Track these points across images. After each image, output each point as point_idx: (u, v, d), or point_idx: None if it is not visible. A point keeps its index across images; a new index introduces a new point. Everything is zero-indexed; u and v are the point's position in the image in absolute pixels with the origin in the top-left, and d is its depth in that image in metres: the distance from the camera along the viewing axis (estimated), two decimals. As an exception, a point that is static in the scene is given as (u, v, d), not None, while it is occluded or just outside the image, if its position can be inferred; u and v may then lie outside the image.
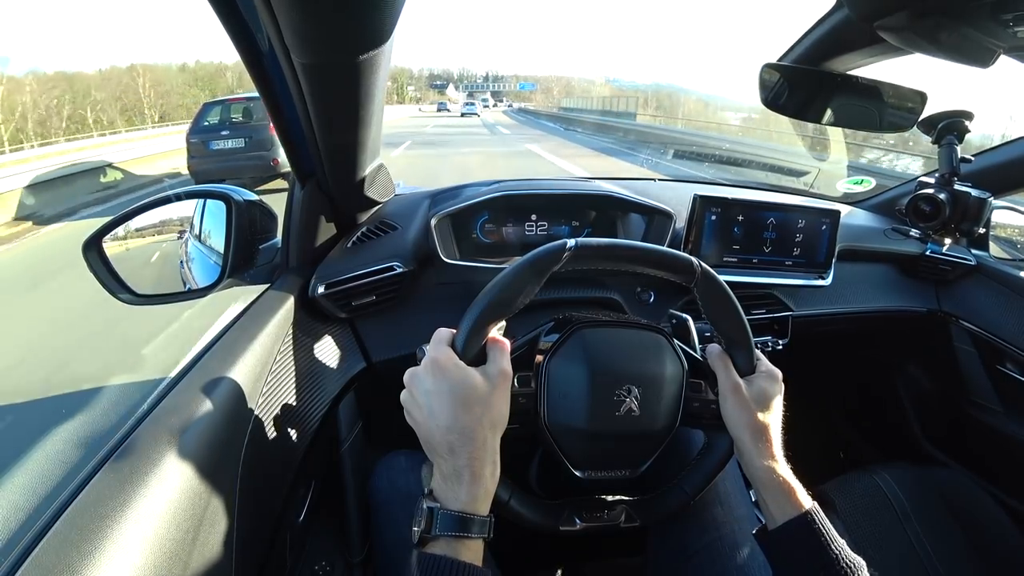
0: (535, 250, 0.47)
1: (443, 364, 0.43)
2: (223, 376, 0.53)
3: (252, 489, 0.52)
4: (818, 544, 0.44)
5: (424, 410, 0.43)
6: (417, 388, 0.44)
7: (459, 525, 0.40)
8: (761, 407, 0.50)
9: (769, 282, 0.93)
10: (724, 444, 0.54)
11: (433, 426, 0.42)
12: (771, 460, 0.49)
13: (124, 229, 0.70)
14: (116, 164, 9.32)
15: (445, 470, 0.42)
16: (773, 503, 0.48)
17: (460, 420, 0.42)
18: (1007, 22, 0.46)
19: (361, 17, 0.42)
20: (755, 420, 0.49)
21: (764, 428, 0.50)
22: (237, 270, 0.73)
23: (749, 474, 0.50)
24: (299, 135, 0.65)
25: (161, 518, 0.40)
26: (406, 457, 0.73)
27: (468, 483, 0.41)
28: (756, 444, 0.49)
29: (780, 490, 0.47)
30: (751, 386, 0.51)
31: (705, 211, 0.88)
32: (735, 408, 0.50)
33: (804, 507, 0.46)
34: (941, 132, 0.89)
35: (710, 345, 0.55)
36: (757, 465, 0.49)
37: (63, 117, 27.41)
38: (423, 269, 0.82)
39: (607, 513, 0.54)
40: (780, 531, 0.46)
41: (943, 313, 1.07)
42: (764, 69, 0.83)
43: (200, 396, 0.50)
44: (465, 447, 0.41)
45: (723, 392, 0.51)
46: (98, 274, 0.67)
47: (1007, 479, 0.99)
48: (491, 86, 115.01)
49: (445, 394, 0.42)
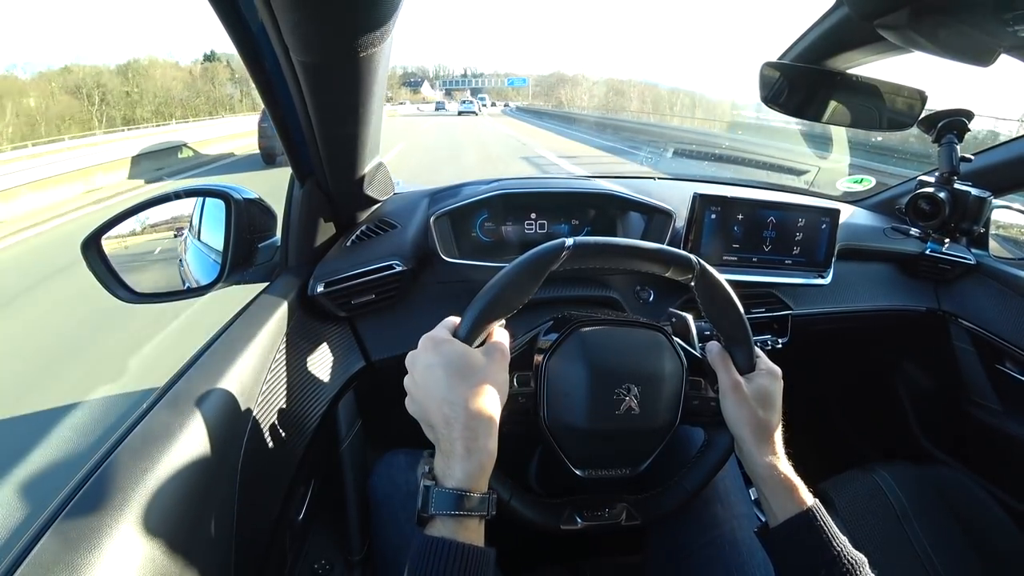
0: (534, 249, 0.47)
1: (440, 339, 0.44)
2: (222, 375, 0.53)
3: (252, 488, 0.52)
4: (820, 541, 0.44)
5: (422, 387, 0.43)
6: (416, 366, 0.44)
7: (455, 503, 0.39)
8: (762, 404, 0.50)
9: (769, 281, 0.93)
10: (724, 442, 0.54)
11: (429, 399, 0.42)
12: (772, 457, 0.49)
13: (123, 228, 0.70)
14: (189, 144, 13.40)
15: (443, 447, 0.42)
16: (774, 500, 0.48)
17: (455, 390, 0.42)
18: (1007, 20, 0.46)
19: (360, 16, 0.42)
20: (756, 417, 0.50)
21: (765, 425, 0.50)
22: (236, 269, 0.73)
23: (750, 471, 0.50)
24: (298, 133, 0.65)
25: (160, 517, 0.40)
26: (405, 456, 0.73)
27: (462, 457, 0.40)
28: (757, 441, 0.49)
29: (781, 487, 0.47)
30: (751, 384, 0.51)
31: (705, 210, 0.88)
32: (735, 406, 0.50)
33: (806, 504, 0.46)
34: (941, 131, 0.89)
35: (710, 343, 0.55)
36: (758, 462, 0.49)
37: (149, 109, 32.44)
38: (422, 268, 0.82)
39: (608, 512, 0.54)
40: (781, 529, 0.46)
41: (943, 312, 1.07)
42: (764, 67, 0.83)
43: (199, 395, 0.49)
44: (459, 418, 0.41)
45: (723, 390, 0.51)
46: (97, 273, 0.67)
47: (1006, 478, 0.99)
48: (471, 82, 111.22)
49: (441, 367, 0.43)
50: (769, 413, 0.50)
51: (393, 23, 0.45)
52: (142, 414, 0.47)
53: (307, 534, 0.77)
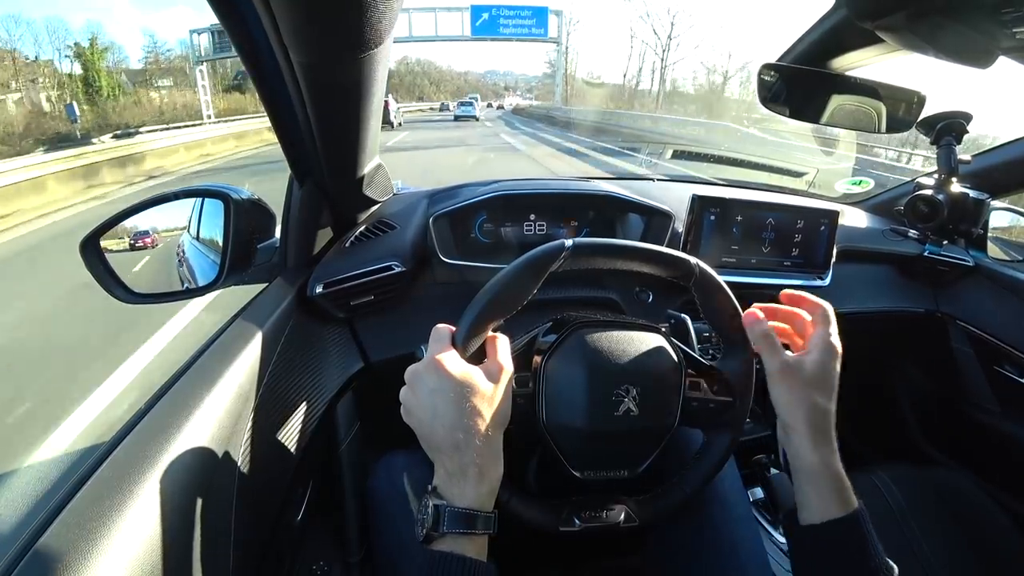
0: (533, 250, 0.47)
1: (446, 362, 0.43)
2: (221, 376, 0.53)
3: (250, 489, 0.52)
4: (862, 550, 0.41)
5: (427, 409, 0.43)
6: (420, 387, 0.43)
7: (466, 522, 0.40)
8: (818, 387, 0.45)
9: (768, 283, 0.93)
10: (723, 443, 0.54)
11: (437, 425, 0.42)
12: (826, 450, 0.44)
13: (122, 228, 0.70)
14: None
15: (450, 468, 0.42)
16: (818, 498, 0.44)
17: (465, 418, 0.41)
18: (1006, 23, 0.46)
19: (359, 16, 0.42)
20: (812, 404, 0.45)
21: (823, 413, 0.45)
22: (235, 269, 0.72)
23: (795, 465, 0.46)
24: (297, 134, 0.65)
25: (159, 517, 0.39)
26: (404, 457, 0.73)
27: (475, 480, 0.41)
28: (813, 434, 0.44)
29: (831, 485, 0.44)
30: (805, 366, 0.46)
31: (704, 211, 0.88)
32: (787, 391, 0.45)
33: (853, 507, 0.43)
34: (939, 133, 0.89)
35: (751, 321, 0.49)
36: (809, 457, 0.44)
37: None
38: (421, 269, 0.82)
39: (606, 513, 0.54)
40: (825, 528, 0.43)
41: (941, 314, 1.07)
42: (763, 69, 0.83)
43: (198, 395, 0.49)
44: (471, 445, 0.41)
45: (771, 374, 0.47)
46: (96, 273, 0.67)
47: (1005, 479, 0.99)
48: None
49: (449, 392, 0.42)
50: (826, 398, 0.45)
51: (393, 24, 0.45)
52: (140, 414, 0.47)
53: (305, 535, 0.76)
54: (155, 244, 0.77)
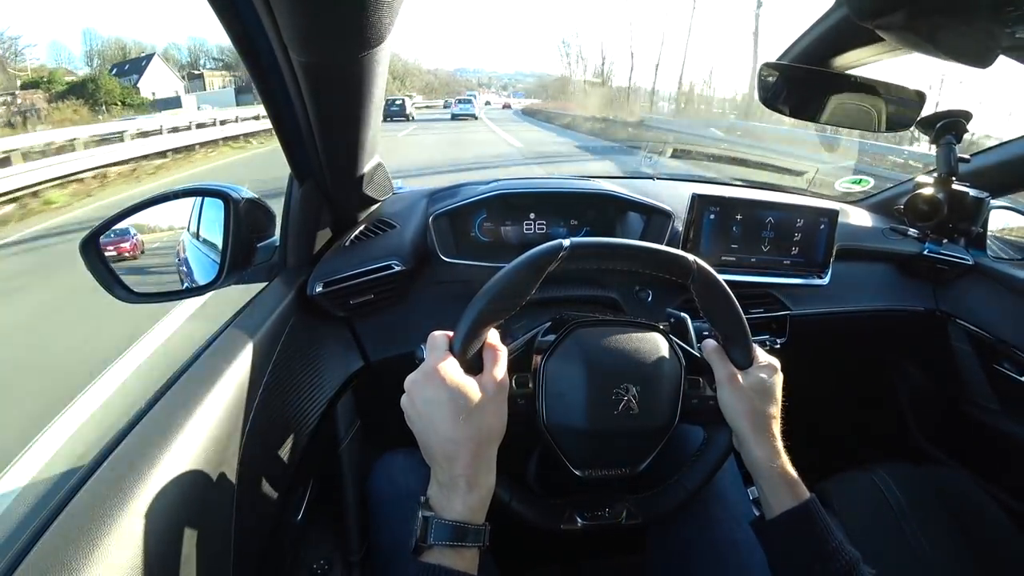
0: (531, 250, 0.47)
1: (442, 373, 0.43)
2: (221, 375, 0.53)
3: (250, 488, 0.52)
4: (816, 535, 0.44)
5: (424, 418, 0.43)
6: (417, 396, 0.44)
7: (454, 534, 0.40)
8: (760, 396, 0.50)
9: (767, 281, 0.93)
10: (723, 440, 0.55)
11: (432, 434, 0.43)
12: (771, 450, 0.48)
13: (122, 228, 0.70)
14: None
15: (442, 478, 0.42)
16: (772, 494, 0.47)
17: (458, 430, 0.42)
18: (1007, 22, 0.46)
19: (360, 16, 0.42)
20: (754, 409, 0.49)
21: (763, 417, 0.49)
22: (235, 269, 0.72)
23: (748, 464, 0.50)
24: (297, 133, 0.65)
25: (159, 517, 0.39)
26: (404, 456, 0.73)
27: (464, 492, 0.42)
28: (755, 434, 0.49)
29: (780, 481, 0.47)
30: (749, 376, 0.51)
31: (703, 210, 0.88)
32: (732, 397, 0.50)
33: (804, 498, 0.46)
34: (939, 132, 0.89)
35: (706, 340, 0.55)
36: (756, 455, 0.48)
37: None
38: (421, 268, 0.82)
39: (607, 512, 0.54)
40: (778, 521, 0.46)
41: (941, 312, 1.07)
42: (763, 68, 0.83)
43: (198, 395, 0.49)
44: (462, 457, 0.42)
45: (720, 382, 0.51)
46: (96, 272, 0.67)
47: (1004, 477, 0.99)
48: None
49: (444, 404, 0.42)
50: (767, 404, 0.50)
51: (393, 23, 0.45)
52: (140, 414, 0.47)
53: (305, 534, 0.77)
54: (137, 251, 0.74)
